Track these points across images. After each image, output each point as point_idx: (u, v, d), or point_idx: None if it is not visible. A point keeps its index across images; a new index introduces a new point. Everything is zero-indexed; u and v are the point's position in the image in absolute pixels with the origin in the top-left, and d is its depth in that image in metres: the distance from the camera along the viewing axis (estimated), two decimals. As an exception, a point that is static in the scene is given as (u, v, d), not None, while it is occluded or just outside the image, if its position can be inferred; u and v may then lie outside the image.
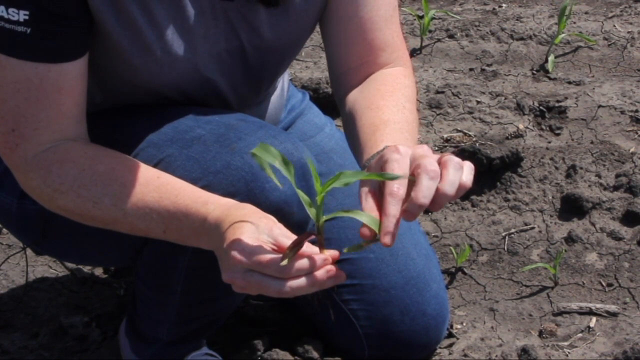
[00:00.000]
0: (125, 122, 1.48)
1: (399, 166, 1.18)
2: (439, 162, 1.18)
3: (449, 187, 1.15)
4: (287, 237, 1.20)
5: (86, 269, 2.05)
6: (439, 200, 1.15)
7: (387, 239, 1.13)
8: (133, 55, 1.39)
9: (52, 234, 1.55)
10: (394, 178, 1.17)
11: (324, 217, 1.18)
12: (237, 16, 1.44)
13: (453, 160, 1.17)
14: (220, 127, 1.41)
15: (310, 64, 2.83)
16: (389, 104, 1.42)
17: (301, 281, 1.17)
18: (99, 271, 2.05)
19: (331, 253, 1.20)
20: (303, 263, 1.17)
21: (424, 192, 1.14)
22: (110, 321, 1.87)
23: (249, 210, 1.25)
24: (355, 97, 1.48)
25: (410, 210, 1.14)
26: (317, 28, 1.58)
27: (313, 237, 1.19)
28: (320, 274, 1.18)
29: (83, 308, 1.94)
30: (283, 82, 1.78)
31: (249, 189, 1.36)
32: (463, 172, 1.18)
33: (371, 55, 1.51)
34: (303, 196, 1.17)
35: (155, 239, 1.40)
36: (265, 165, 1.14)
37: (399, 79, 1.50)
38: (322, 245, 1.20)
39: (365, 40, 1.51)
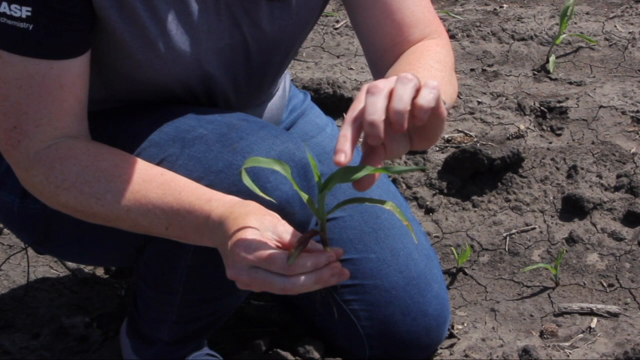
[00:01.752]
0: (126, 121, 1.48)
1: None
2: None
3: (397, 102, 1.10)
4: (291, 235, 1.20)
5: (87, 269, 2.04)
6: (393, 118, 1.10)
7: (336, 156, 1.10)
8: (136, 51, 1.38)
9: (53, 234, 1.55)
10: (397, 172, 1.16)
11: (327, 214, 1.18)
12: (240, 11, 1.44)
13: (401, 76, 1.12)
14: (222, 126, 1.41)
15: (311, 65, 2.83)
16: (415, 67, 1.37)
17: (305, 278, 1.18)
18: (100, 271, 2.04)
19: (335, 250, 1.20)
20: (307, 260, 1.17)
21: (368, 109, 1.10)
22: (111, 321, 1.87)
23: (253, 207, 1.25)
24: (386, 74, 1.44)
25: (366, 132, 1.11)
26: (316, 27, 1.56)
27: (317, 235, 1.20)
28: (324, 271, 1.18)
29: (84, 308, 1.94)
30: (285, 82, 1.78)
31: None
32: (421, 93, 1.12)
33: (402, 34, 1.48)
34: (304, 195, 1.17)
35: (157, 239, 1.40)
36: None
37: (430, 47, 1.46)
38: (325, 242, 1.20)
39: (394, 21, 1.47)
